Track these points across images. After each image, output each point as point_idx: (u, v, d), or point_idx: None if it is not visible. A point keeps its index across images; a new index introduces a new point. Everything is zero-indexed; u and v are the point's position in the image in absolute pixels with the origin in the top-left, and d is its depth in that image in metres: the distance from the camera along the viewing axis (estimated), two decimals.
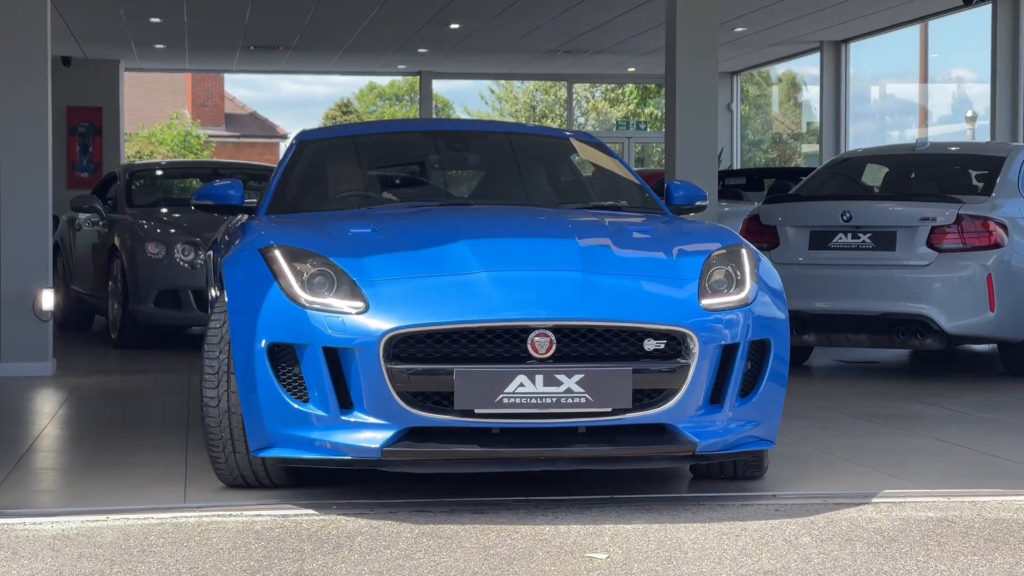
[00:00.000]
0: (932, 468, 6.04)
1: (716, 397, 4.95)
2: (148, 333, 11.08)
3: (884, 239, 9.07)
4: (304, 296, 4.92)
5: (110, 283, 11.28)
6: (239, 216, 6.53)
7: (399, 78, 39.85)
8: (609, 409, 4.78)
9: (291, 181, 6.38)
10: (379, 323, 4.80)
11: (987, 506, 5.32)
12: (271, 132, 45.25)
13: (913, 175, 10.02)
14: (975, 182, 9.57)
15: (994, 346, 10.00)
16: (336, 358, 4.83)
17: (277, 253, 5.08)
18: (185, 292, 10.82)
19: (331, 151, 6.76)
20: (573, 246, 5.21)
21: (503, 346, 4.79)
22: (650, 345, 4.86)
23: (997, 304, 8.79)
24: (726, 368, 4.96)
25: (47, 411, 7.86)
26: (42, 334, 9.38)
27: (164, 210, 11.84)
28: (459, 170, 7.12)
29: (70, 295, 12.62)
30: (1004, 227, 8.87)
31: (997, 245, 8.84)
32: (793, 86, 25.04)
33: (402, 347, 4.79)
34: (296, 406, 4.90)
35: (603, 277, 5.01)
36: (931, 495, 5.42)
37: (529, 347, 4.78)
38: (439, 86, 22.57)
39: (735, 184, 14.61)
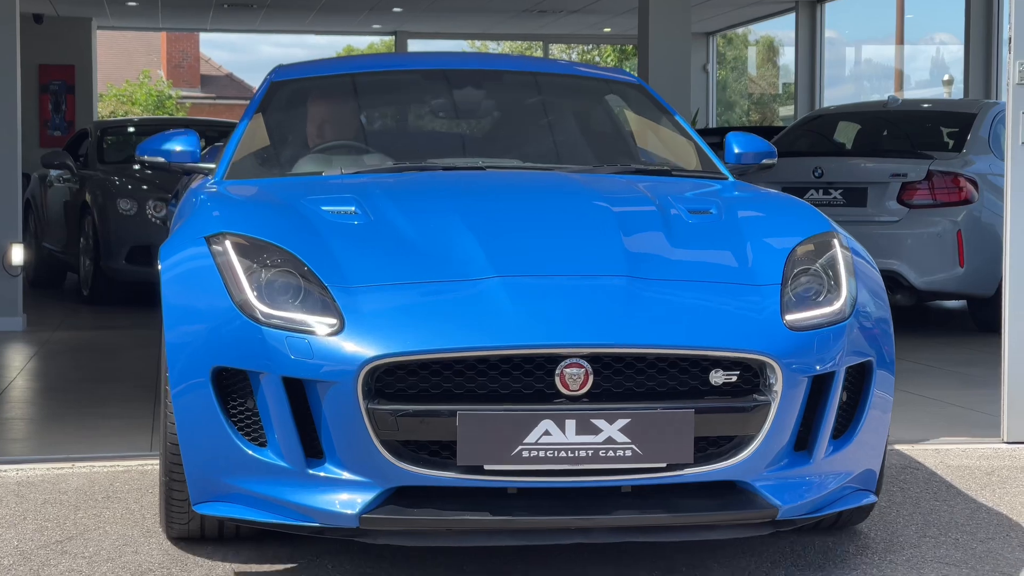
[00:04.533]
0: (899, 418, 6.06)
1: (802, 442, 3.72)
2: (120, 290, 11.05)
3: (855, 195, 9.10)
4: (260, 307, 3.64)
5: (81, 239, 11.24)
6: (194, 176, 5.21)
7: (376, 40, 39.69)
8: (663, 464, 3.55)
9: (258, 135, 5.04)
10: (358, 348, 3.52)
11: (950, 454, 5.37)
12: (247, 94, 45.00)
13: (885, 132, 10.05)
14: (946, 139, 9.60)
15: (964, 302, 10.05)
16: (301, 392, 3.58)
17: (228, 245, 3.80)
18: (157, 248, 10.77)
19: (312, 95, 5.35)
20: (615, 239, 3.93)
21: (523, 380, 3.52)
22: (717, 378, 3.59)
23: (967, 260, 8.83)
24: (816, 404, 3.71)
25: (16, 364, 7.83)
26: (12, 289, 9.34)
27: (136, 167, 11.78)
28: (471, 119, 5.55)
29: (41, 252, 12.57)
30: (974, 183, 8.90)
31: (967, 201, 8.87)
32: (770, 49, 25.03)
33: (388, 381, 3.51)
34: (249, 452, 3.63)
35: (656, 285, 3.75)
36: (897, 443, 5.47)
37: (558, 381, 3.51)
38: (414, 46, 22.46)
39: (710, 143, 14.61)
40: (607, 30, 21.90)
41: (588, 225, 4.12)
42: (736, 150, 5.09)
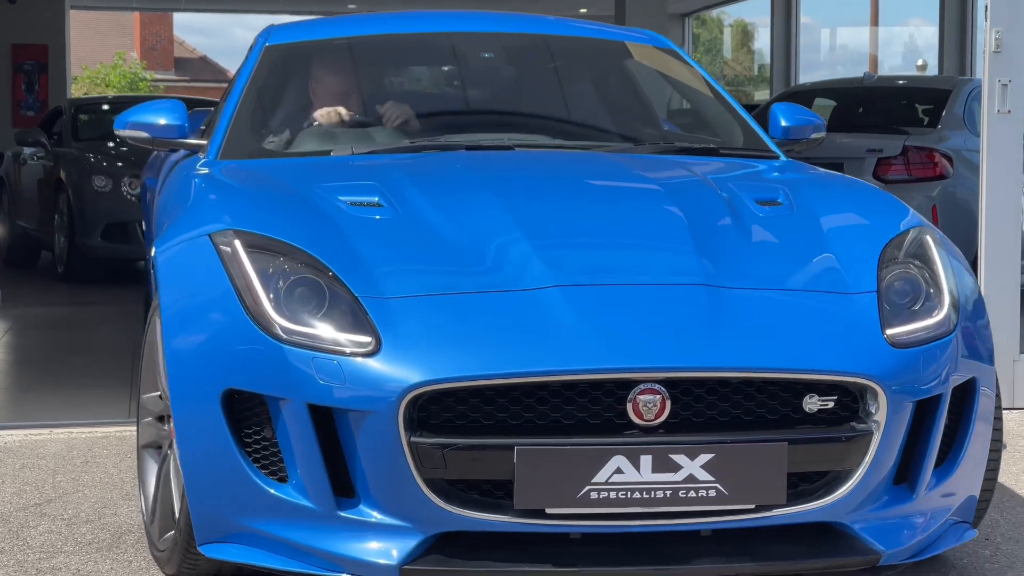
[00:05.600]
0: None
1: (902, 475, 3.25)
2: (95, 267, 11.01)
3: (831, 170, 9.13)
4: (280, 321, 3.12)
5: (56, 217, 11.19)
6: (180, 154, 4.59)
7: None
8: (751, 505, 3.08)
9: (253, 107, 4.42)
10: (398, 372, 3.01)
11: None
12: (222, 77, 44.85)
13: (860, 108, 10.09)
14: (921, 115, 9.65)
15: None
16: (330, 422, 3.07)
17: (238, 245, 3.27)
18: (133, 225, 10.74)
19: (312, 61, 4.68)
20: (684, 238, 3.39)
21: (590, 409, 3.03)
22: (812, 404, 3.10)
23: None
24: (918, 431, 3.23)
25: None
26: None
27: (111, 144, 11.74)
28: (489, 89, 4.87)
29: (15, 231, 12.52)
30: (949, 159, 8.94)
31: (942, 176, 8.91)
32: (745, 33, 25.08)
33: (433, 410, 3.01)
34: (267, 488, 3.13)
35: (737, 295, 3.22)
36: None
37: (630, 410, 3.02)
38: None
39: None
40: (583, 11, 21.90)
41: (651, 220, 3.57)
42: (783, 123, 4.46)
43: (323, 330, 3.09)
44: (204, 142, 4.28)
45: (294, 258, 3.22)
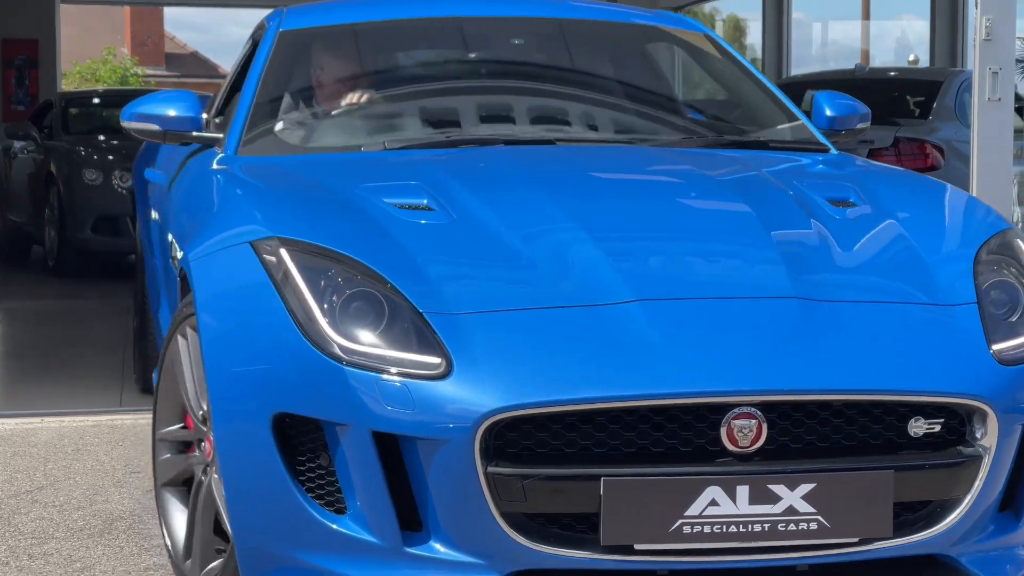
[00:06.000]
0: None
1: (1007, 501, 3.02)
2: (86, 261, 10.99)
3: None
4: (338, 339, 2.83)
5: (46, 210, 11.18)
6: (191, 147, 4.22)
7: None
8: (855, 539, 2.85)
9: (273, 98, 4.10)
10: (474, 396, 2.75)
11: None
12: (213, 72, 44.81)
13: None
14: (912, 107, 9.66)
15: None
16: (395, 450, 2.82)
17: (285, 255, 2.96)
18: (123, 219, 10.71)
19: (332, 47, 4.37)
20: (767, 244, 3.13)
21: (681, 435, 2.79)
22: (918, 428, 2.87)
23: None
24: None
25: None
26: None
27: (101, 137, 11.72)
28: (521, 77, 4.58)
29: (6, 225, 12.49)
30: (940, 150, 8.96)
31: (934, 167, 8.92)
32: (737, 28, 25.10)
33: (511, 438, 2.76)
34: (324, 521, 2.86)
35: (832, 308, 2.96)
36: None
37: (724, 436, 2.78)
38: None
39: None
40: None
41: (723, 222, 3.33)
42: (828, 112, 4.16)
43: (386, 349, 2.80)
44: (220, 135, 3.98)
45: (348, 269, 2.91)
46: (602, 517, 2.74)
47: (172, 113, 3.96)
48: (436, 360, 2.78)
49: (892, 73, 10.64)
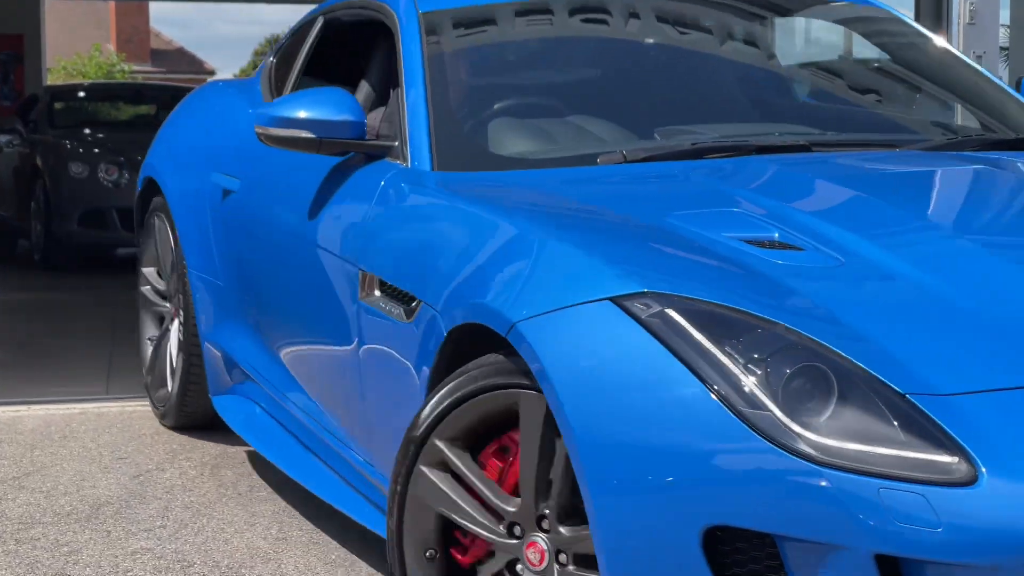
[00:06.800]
0: None
1: None
2: (72, 254, 10.97)
3: None
4: (799, 429, 2.17)
5: (32, 204, 11.16)
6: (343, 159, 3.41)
7: None
8: None
9: (449, 97, 3.34)
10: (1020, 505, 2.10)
11: None
12: (199, 68, 44.72)
13: None
14: None
15: None
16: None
17: (676, 317, 2.29)
18: (110, 212, 10.72)
19: (500, 35, 3.67)
20: None
21: None
22: None
23: None
24: None
25: None
26: None
27: (87, 130, 11.71)
28: (712, 68, 3.81)
29: None
30: None
31: None
32: None
33: None
34: None
35: None
36: None
37: None
38: None
39: None
40: None
41: None
42: None
43: (875, 446, 2.13)
44: (393, 144, 3.25)
45: (765, 334, 2.24)
46: None
47: (333, 118, 3.23)
48: (949, 458, 2.12)
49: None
